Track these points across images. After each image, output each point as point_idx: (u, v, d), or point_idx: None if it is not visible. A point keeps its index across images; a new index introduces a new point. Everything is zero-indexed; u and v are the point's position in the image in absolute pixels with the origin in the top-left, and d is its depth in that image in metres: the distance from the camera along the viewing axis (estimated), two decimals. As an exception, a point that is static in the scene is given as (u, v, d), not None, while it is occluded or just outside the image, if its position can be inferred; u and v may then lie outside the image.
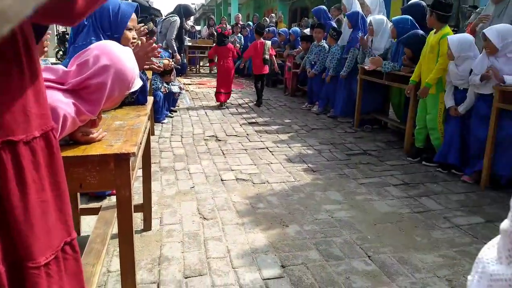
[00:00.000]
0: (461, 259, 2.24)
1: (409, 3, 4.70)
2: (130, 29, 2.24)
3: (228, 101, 6.82)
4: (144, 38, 3.67)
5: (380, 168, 3.77)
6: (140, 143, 1.79)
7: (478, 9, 5.23)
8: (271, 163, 3.86)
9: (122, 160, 1.34)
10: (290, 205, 2.91)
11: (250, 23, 11.63)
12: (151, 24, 3.84)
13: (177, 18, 6.49)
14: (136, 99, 2.23)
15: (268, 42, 6.87)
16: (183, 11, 6.61)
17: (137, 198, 2.76)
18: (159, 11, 6.44)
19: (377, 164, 3.87)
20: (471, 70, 3.34)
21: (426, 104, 3.89)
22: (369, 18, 5.13)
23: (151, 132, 4.67)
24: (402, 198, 3.08)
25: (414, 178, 3.51)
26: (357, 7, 5.76)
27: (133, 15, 2.23)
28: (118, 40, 2.15)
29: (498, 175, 3.25)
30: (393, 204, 2.97)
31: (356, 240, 2.42)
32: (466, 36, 3.56)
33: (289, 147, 4.37)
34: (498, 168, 3.21)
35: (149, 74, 3.58)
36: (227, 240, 2.40)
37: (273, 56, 6.98)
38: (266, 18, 11.90)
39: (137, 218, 2.63)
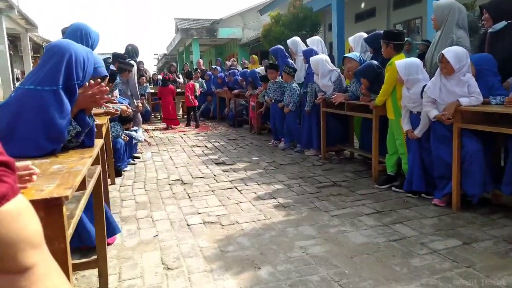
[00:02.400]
0: (444, 287, 2.11)
1: (372, 34, 4.88)
2: None
3: (194, 143, 6.98)
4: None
5: (351, 198, 3.68)
6: (84, 188, 1.61)
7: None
8: (240, 202, 3.69)
9: (53, 206, 1.16)
10: (262, 245, 2.73)
11: (214, 66, 11.78)
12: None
13: (133, 63, 6.37)
14: (81, 143, 2.05)
15: (197, 84, 9.72)
16: (135, 52, 6.51)
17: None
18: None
19: (348, 195, 3.78)
20: (421, 93, 3.40)
21: (393, 131, 3.92)
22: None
23: (111, 181, 4.44)
24: (376, 226, 2.97)
25: (386, 206, 3.43)
26: (303, 48, 6.08)
27: None
28: (80, 87, 1.99)
29: (469, 195, 3.22)
30: (368, 234, 2.84)
31: (333, 276, 2.26)
32: (413, 59, 3.66)
33: (258, 185, 4.23)
34: (467, 188, 3.19)
35: (101, 120, 3.41)
36: (194, 291, 2.17)
37: (198, 93, 9.67)
38: (227, 62, 12.12)
39: (93, 276, 2.36)
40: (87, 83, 2.04)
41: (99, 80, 2.09)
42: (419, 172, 3.57)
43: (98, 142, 2.17)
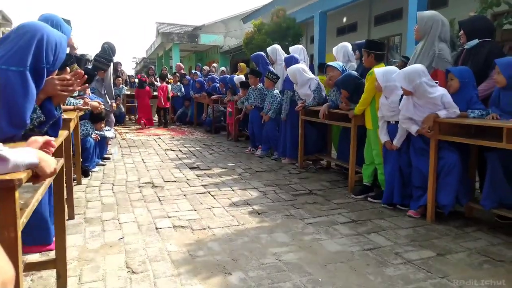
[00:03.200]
0: (419, 297, 2.06)
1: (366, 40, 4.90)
2: None
3: (168, 147, 6.85)
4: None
5: (327, 207, 3.62)
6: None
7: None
8: (213, 207, 3.56)
9: (4, 190, 1.03)
10: (234, 251, 2.62)
11: (194, 71, 11.63)
12: (75, 65, 3.55)
13: (110, 62, 6.15)
14: (45, 134, 1.90)
15: (169, 86, 10.48)
16: (111, 50, 6.28)
17: (51, 253, 2.35)
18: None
19: (324, 203, 3.72)
20: (400, 100, 3.40)
21: (370, 141, 3.91)
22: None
23: (77, 181, 4.23)
24: (351, 235, 2.91)
25: (361, 215, 3.39)
26: (283, 56, 6.11)
27: None
28: (49, 74, 1.85)
29: (440, 206, 3.22)
30: (343, 242, 2.78)
31: (306, 283, 2.17)
32: (392, 67, 3.69)
33: (233, 190, 4.12)
34: (440, 198, 3.19)
35: (70, 115, 3.24)
36: (158, 296, 2.04)
37: (171, 95, 10.49)
38: (205, 68, 12.04)
39: (51, 277, 2.19)
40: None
41: (80, 71, 1.96)
42: (399, 185, 3.54)
43: (63, 133, 2.03)
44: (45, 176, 1.17)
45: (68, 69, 1.93)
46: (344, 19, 12.78)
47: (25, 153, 1.16)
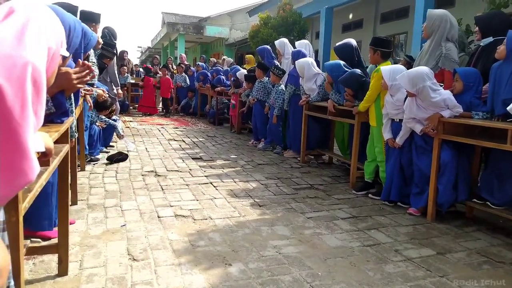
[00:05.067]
0: (417, 294, 2.07)
1: (339, 43, 4.82)
2: None
3: (171, 137, 6.87)
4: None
5: (328, 202, 3.63)
6: (47, 165, 1.48)
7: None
8: (215, 198, 3.58)
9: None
10: (234, 242, 2.63)
11: (199, 63, 11.58)
12: None
13: (115, 50, 6.11)
14: (50, 121, 1.91)
15: (171, 79, 10.63)
16: (112, 35, 6.21)
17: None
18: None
19: (325, 198, 3.73)
20: (405, 99, 3.40)
21: (373, 138, 3.90)
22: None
23: (81, 167, 4.25)
24: (351, 231, 2.93)
25: (362, 211, 3.40)
26: (290, 50, 6.07)
27: None
28: (76, 60, 1.86)
29: (438, 204, 3.22)
30: (343, 237, 2.79)
31: (306, 277, 2.19)
32: (399, 66, 3.68)
33: (235, 182, 4.13)
34: (438, 196, 3.19)
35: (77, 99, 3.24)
36: (159, 284, 2.05)
37: (172, 86, 10.66)
38: (212, 59, 12.00)
39: (52, 261, 2.21)
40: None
41: (88, 64, 1.96)
42: (398, 183, 3.55)
43: (68, 119, 2.04)
44: (50, 153, 1.15)
45: (80, 61, 1.93)
46: (350, 16, 12.70)
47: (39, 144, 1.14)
